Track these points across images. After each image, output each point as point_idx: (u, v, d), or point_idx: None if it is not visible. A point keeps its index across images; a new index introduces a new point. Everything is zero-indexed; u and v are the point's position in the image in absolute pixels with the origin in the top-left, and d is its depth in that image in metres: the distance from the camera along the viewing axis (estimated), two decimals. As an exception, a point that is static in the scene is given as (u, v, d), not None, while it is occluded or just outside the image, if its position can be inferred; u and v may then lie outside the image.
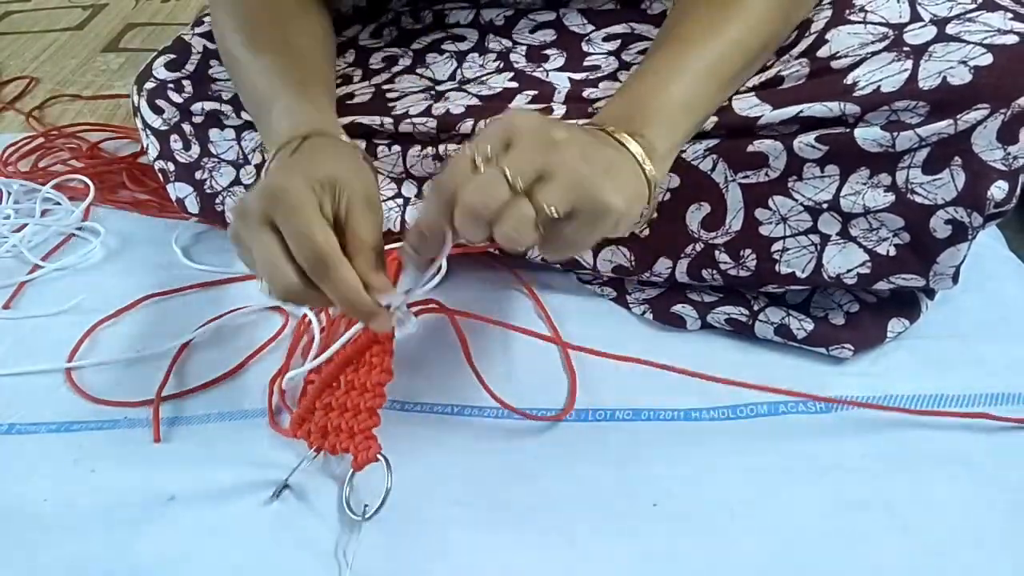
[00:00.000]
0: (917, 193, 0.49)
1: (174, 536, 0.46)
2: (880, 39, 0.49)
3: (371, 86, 0.65)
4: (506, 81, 0.62)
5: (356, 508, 0.46)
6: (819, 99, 0.49)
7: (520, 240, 0.38)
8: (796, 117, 0.49)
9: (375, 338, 0.49)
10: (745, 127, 0.51)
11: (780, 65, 0.52)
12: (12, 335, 0.63)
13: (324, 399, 0.50)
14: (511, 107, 0.58)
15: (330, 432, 0.48)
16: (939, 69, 0.46)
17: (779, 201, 0.52)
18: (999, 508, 0.45)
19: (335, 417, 0.48)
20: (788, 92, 0.51)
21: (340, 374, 0.50)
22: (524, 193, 0.38)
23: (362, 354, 0.49)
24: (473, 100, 0.60)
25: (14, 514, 0.48)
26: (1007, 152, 0.47)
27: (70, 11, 1.39)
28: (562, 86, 0.60)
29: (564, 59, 0.63)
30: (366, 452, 0.46)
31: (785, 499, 0.46)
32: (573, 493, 0.47)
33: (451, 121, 0.58)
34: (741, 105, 0.51)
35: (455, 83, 0.64)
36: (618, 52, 0.62)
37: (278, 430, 0.52)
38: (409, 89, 0.64)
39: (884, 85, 0.47)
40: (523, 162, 0.38)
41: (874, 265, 0.51)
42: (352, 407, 0.48)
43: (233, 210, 0.45)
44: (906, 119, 0.47)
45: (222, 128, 0.66)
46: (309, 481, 0.48)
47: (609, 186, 0.40)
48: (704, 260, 0.55)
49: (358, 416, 0.48)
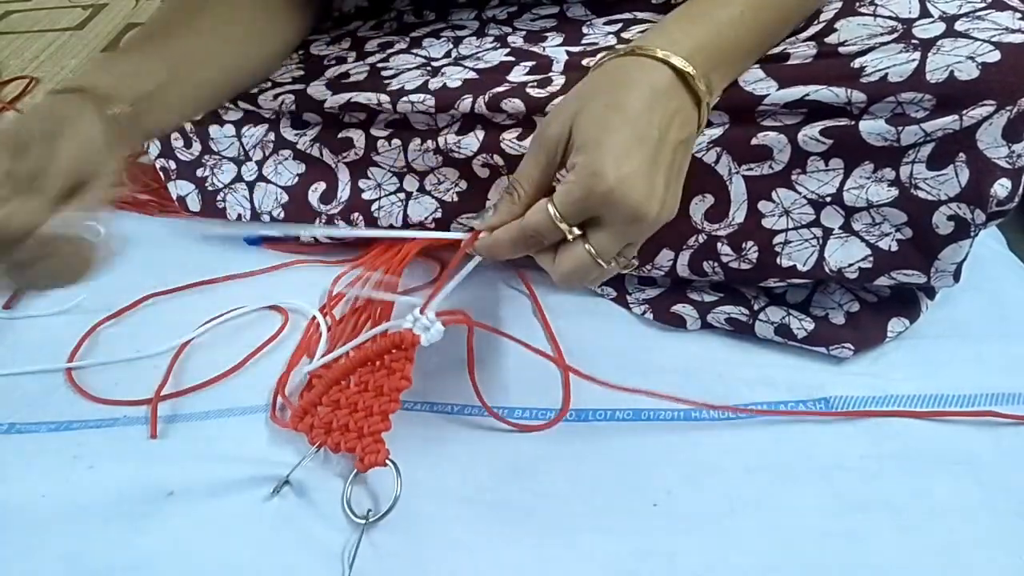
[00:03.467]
0: (920, 188, 0.49)
1: (173, 532, 0.46)
2: (889, 32, 0.49)
3: (366, 65, 0.64)
4: (502, 56, 0.61)
5: (357, 509, 0.46)
6: (825, 81, 0.48)
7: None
8: (802, 100, 0.49)
9: (397, 342, 0.47)
10: (750, 107, 0.50)
11: (786, 44, 0.52)
12: (12, 335, 0.63)
13: (332, 395, 0.49)
14: (509, 78, 0.57)
15: (335, 429, 0.48)
16: (947, 63, 0.46)
17: (782, 194, 0.52)
18: (999, 508, 0.45)
19: (343, 415, 0.48)
20: (794, 69, 0.50)
21: (353, 372, 0.49)
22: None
23: (380, 356, 0.48)
24: (470, 74, 0.59)
25: (12, 510, 0.48)
26: (1012, 150, 0.47)
27: (70, 11, 1.39)
28: (560, 58, 0.59)
29: (562, 39, 0.63)
30: (374, 455, 0.46)
31: (785, 499, 0.46)
32: (573, 493, 0.47)
33: (449, 97, 0.57)
34: (746, 77, 0.51)
35: (450, 60, 0.63)
36: (618, 32, 0.61)
37: (278, 423, 0.52)
38: (404, 66, 0.63)
39: (891, 74, 0.47)
40: (612, 249, 0.41)
41: (876, 260, 0.51)
42: (364, 408, 0.47)
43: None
44: (911, 113, 0.47)
45: (222, 124, 0.66)
46: (310, 478, 0.48)
47: (676, 203, 0.43)
48: (706, 252, 0.55)
49: (369, 418, 0.47)
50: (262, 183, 0.66)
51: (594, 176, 0.39)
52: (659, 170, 0.40)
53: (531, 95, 0.55)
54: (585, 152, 0.40)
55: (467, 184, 0.60)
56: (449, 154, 0.58)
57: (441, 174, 0.60)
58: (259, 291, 0.65)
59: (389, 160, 0.61)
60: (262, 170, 0.66)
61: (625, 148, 0.39)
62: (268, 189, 0.66)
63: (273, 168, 0.65)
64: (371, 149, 0.61)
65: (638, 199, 0.39)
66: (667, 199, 0.41)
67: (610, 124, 0.40)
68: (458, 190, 0.60)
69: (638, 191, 0.39)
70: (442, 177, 0.60)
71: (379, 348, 0.48)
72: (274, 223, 0.66)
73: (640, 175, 0.39)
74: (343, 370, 0.49)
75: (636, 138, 0.39)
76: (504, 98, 0.55)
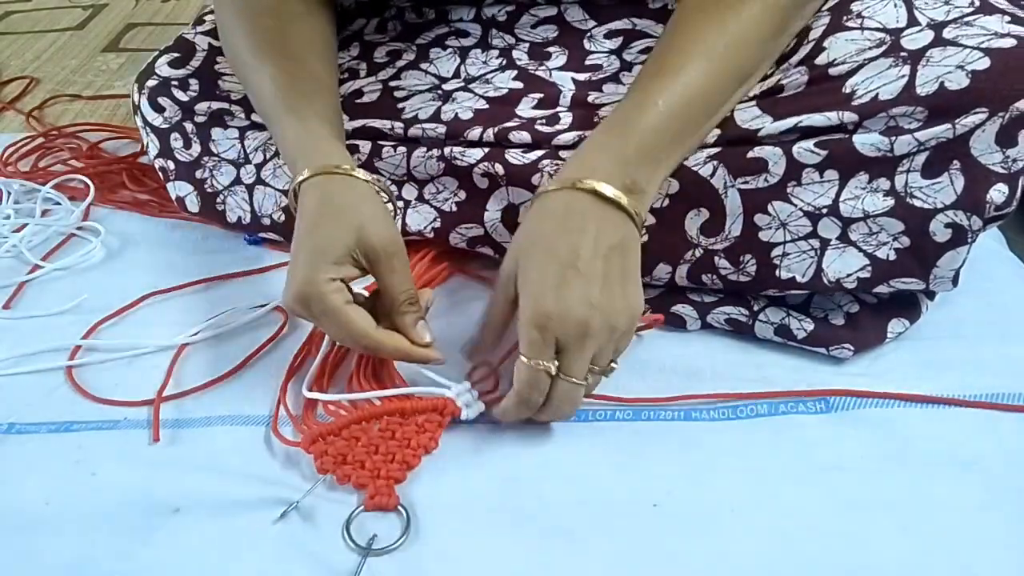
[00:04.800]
0: (916, 197, 0.49)
1: (177, 546, 0.45)
2: (877, 45, 0.49)
3: (378, 82, 0.65)
4: (510, 81, 0.62)
5: (359, 535, 0.45)
6: (818, 109, 0.49)
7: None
8: (795, 127, 0.50)
9: (439, 408, 0.50)
10: (745, 139, 0.51)
11: (780, 74, 0.53)
12: (12, 335, 0.63)
13: (352, 430, 0.49)
14: (518, 111, 0.59)
15: (349, 463, 0.48)
16: (936, 75, 0.46)
17: (778, 206, 0.52)
18: (999, 508, 0.45)
19: (360, 452, 0.48)
20: (788, 101, 0.51)
21: (380, 418, 0.50)
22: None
23: (415, 414, 0.50)
24: (480, 103, 0.61)
25: (15, 516, 0.48)
26: (1006, 155, 0.47)
27: (70, 11, 1.39)
28: (567, 88, 0.60)
29: (566, 58, 0.63)
30: (385, 499, 0.46)
31: (785, 499, 0.46)
32: (573, 493, 0.47)
33: (460, 127, 0.59)
34: (743, 116, 0.52)
35: (460, 81, 0.64)
36: (619, 51, 0.62)
37: (281, 439, 0.51)
38: (416, 87, 0.64)
39: (882, 93, 0.47)
40: (582, 367, 0.46)
41: (874, 269, 0.51)
42: (385, 452, 0.48)
43: (285, 306, 0.51)
44: (904, 124, 0.47)
45: (225, 127, 0.66)
46: (316, 502, 0.47)
47: (634, 301, 0.47)
48: (704, 266, 0.55)
49: (390, 464, 0.47)
50: (260, 186, 0.66)
51: (537, 315, 0.45)
52: (592, 283, 0.45)
53: (539, 131, 0.57)
54: (525, 294, 0.46)
55: (466, 194, 0.60)
56: (452, 161, 0.58)
57: (440, 183, 0.60)
58: (259, 291, 0.65)
59: (391, 167, 0.62)
60: (260, 173, 0.66)
61: (556, 279, 0.45)
62: (267, 192, 0.66)
63: (272, 172, 0.65)
64: (375, 155, 0.62)
65: (579, 316, 0.44)
66: (609, 302, 0.45)
67: (540, 262, 0.46)
68: (457, 200, 0.60)
69: (577, 310, 0.44)
70: (441, 187, 0.60)
71: (417, 407, 0.50)
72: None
73: (575, 296, 0.45)
74: (370, 414, 0.50)
75: (563, 267, 0.45)
76: (513, 131, 0.57)
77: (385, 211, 0.52)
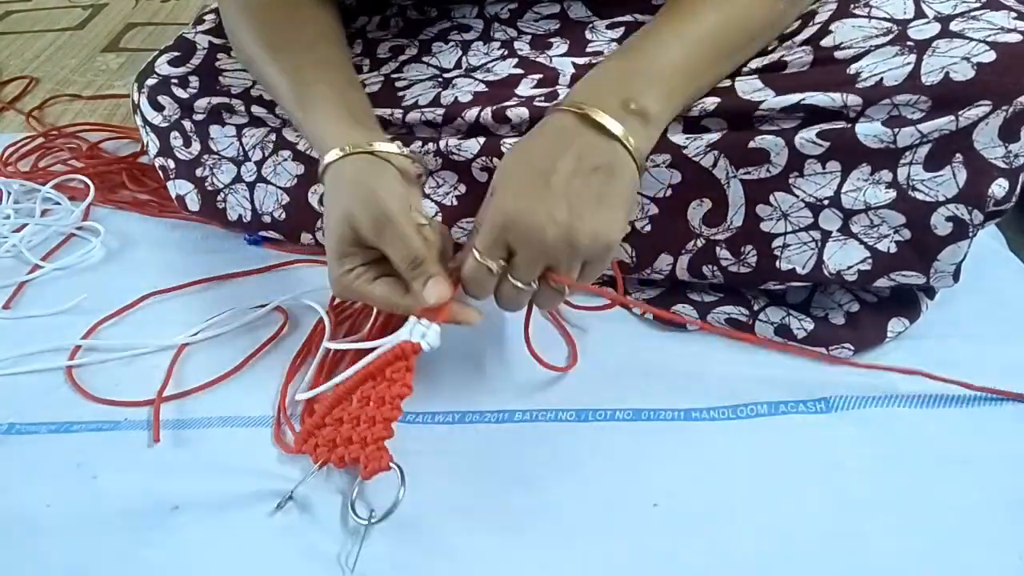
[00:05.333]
0: (918, 190, 0.49)
1: (178, 547, 0.46)
2: (884, 33, 0.49)
3: (380, 75, 0.65)
4: (511, 68, 0.62)
5: (361, 513, 0.46)
6: (822, 88, 0.49)
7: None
8: (798, 105, 0.49)
9: (398, 355, 0.48)
10: (746, 112, 0.51)
11: (783, 50, 0.52)
12: (12, 335, 0.63)
13: (335, 415, 0.49)
14: (517, 91, 0.59)
15: (339, 444, 0.48)
16: (942, 64, 0.46)
17: (780, 197, 0.52)
18: (1000, 508, 0.45)
19: (346, 430, 0.48)
20: (791, 78, 0.51)
21: (354, 391, 0.49)
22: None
23: (382, 370, 0.49)
24: (480, 87, 0.60)
25: (16, 519, 0.48)
26: (1008, 150, 0.47)
27: (70, 11, 1.39)
28: (567, 71, 0.60)
29: (567, 46, 0.63)
30: (377, 461, 0.46)
31: (785, 499, 0.46)
32: (573, 494, 0.47)
33: (457, 109, 0.58)
34: (744, 87, 0.51)
35: (461, 71, 0.64)
36: (621, 40, 0.62)
37: (283, 447, 0.51)
38: (417, 78, 0.64)
39: (887, 78, 0.47)
40: (528, 274, 0.46)
41: (875, 262, 0.51)
42: (366, 419, 0.48)
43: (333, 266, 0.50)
44: (907, 115, 0.47)
45: (223, 125, 0.66)
46: (313, 492, 0.48)
47: (605, 227, 0.45)
48: (705, 256, 0.55)
49: (372, 428, 0.47)
50: (262, 184, 0.66)
51: (496, 212, 0.45)
52: (559, 198, 0.44)
53: (538, 107, 0.56)
54: (493, 195, 0.47)
55: (466, 188, 0.60)
56: (449, 156, 0.58)
57: (440, 177, 0.60)
58: (259, 291, 0.65)
59: None
60: (261, 171, 0.66)
61: (521, 184, 0.45)
62: (268, 190, 0.66)
63: (272, 169, 0.65)
64: None
65: (534, 224, 0.44)
66: (574, 220, 0.44)
67: (516, 168, 0.47)
68: (457, 194, 0.60)
69: (533, 218, 0.44)
70: (441, 180, 0.60)
71: (380, 363, 0.49)
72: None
73: (538, 206, 0.44)
74: (344, 391, 0.50)
75: (534, 175, 0.45)
76: (510, 108, 0.56)
77: (382, 184, 0.49)
